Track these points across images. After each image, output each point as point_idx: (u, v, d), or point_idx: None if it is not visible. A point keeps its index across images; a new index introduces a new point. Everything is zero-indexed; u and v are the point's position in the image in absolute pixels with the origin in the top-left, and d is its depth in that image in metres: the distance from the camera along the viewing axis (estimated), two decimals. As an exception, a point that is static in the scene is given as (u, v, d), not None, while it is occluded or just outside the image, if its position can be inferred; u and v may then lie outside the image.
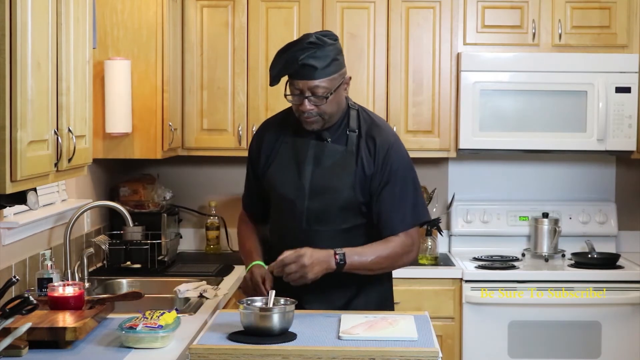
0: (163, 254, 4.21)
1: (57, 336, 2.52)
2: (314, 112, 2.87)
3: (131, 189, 4.40)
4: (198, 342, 2.54)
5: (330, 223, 2.95)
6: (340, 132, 2.98)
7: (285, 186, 2.97)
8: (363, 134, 2.97)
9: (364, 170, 2.94)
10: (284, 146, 3.02)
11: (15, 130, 2.30)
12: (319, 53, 2.83)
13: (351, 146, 2.96)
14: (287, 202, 2.97)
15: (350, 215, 2.96)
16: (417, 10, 4.46)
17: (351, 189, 2.93)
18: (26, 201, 2.64)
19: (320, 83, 2.84)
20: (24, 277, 3.29)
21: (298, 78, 2.84)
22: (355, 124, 2.99)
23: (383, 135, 2.99)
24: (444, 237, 4.75)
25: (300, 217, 2.95)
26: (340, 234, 2.95)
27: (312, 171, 2.95)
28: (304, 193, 2.95)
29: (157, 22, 4.00)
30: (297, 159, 2.98)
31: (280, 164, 3.00)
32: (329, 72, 2.85)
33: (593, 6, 4.48)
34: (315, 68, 2.82)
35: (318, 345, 2.51)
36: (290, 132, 3.02)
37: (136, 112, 4.01)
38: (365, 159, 2.94)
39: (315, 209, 2.94)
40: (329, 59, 2.85)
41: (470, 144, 4.44)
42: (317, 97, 2.85)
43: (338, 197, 2.93)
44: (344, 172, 2.94)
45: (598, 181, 4.87)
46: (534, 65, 4.40)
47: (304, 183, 2.95)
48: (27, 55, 2.35)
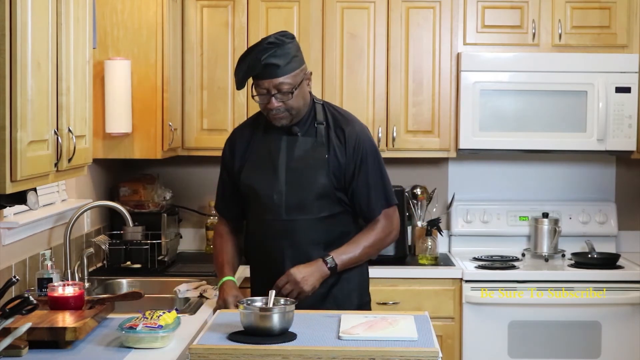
0: (163, 254, 4.21)
1: (57, 336, 2.52)
2: (281, 108, 3.02)
3: (131, 189, 4.40)
4: (198, 342, 2.54)
5: (308, 212, 3.07)
6: (309, 126, 3.13)
7: (262, 182, 3.10)
8: (331, 125, 3.13)
9: (338, 159, 3.09)
10: (256, 145, 3.15)
11: (15, 130, 2.30)
12: (279, 52, 2.98)
13: (320, 137, 3.10)
14: (265, 196, 3.09)
15: (326, 203, 3.09)
16: (417, 10, 4.46)
17: (325, 177, 3.07)
18: (26, 201, 2.64)
19: (284, 80, 2.99)
20: (24, 277, 3.29)
21: (263, 78, 2.99)
22: (322, 117, 3.14)
23: (350, 125, 3.15)
24: (444, 237, 4.75)
25: (279, 209, 3.08)
26: (319, 223, 3.08)
27: (286, 164, 3.09)
28: (280, 185, 3.07)
29: (157, 22, 4.00)
30: (270, 155, 3.11)
31: (254, 162, 3.14)
32: (291, 68, 3.00)
33: (593, 6, 4.48)
34: (277, 66, 2.97)
35: (318, 345, 2.51)
36: (261, 132, 3.17)
37: (136, 112, 4.01)
38: (337, 148, 3.10)
39: (293, 200, 3.07)
40: (290, 56, 3.00)
41: (470, 144, 4.44)
42: (282, 94, 3.00)
43: (314, 186, 3.07)
44: (316, 162, 3.08)
45: (598, 181, 4.87)
46: (534, 65, 4.40)
47: (279, 176, 3.08)
48: (27, 55, 2.35)
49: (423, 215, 4.68)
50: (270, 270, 3.09)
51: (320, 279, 3.03)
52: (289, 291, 2.98)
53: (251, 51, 2.99)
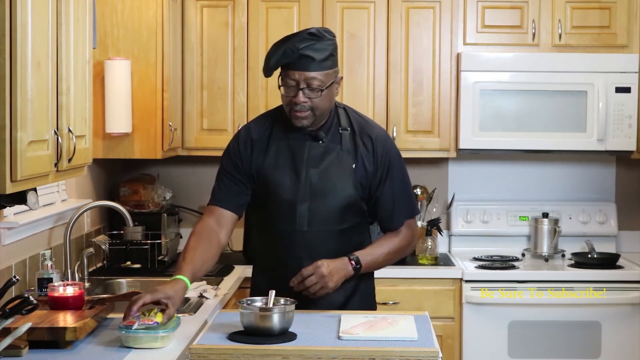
0: (163, 254, 4.21)
1: (57, 336, 2.51)
2: (306, 105, 2.85)
3: (131, 189, 4.40)
4: (198, 342, 2.54)
5: (330, 224, 2.95)
6: (333, 132, 2.98)
7: (284, 189, 2.94)
8: (357, 131, 2.99)
9: (365, 167, 2.96)
10: (275, 149, 2.98)
11: (15, 130, 2.30)
12: (318, 45, 2.83)
13: (346, 144, 2.97)
14: (286, 204, 2.94)
15: (350, 214, 2.97)
16: (417, 10, 4.46)
17: (353, 188, 2.94)
18: (26, 201, 2.64)
19: (316, 75, 2.83)
20: (24, 277, 3.29)
21: (295, 68, 2.83)
22: (347, 122, 3.00)
23: (376, 130, 3.03)
24: (444, 237, 4.75)
25: (300, 220, 2.93)
26: (338, 235, 2.97)
27: (311, 172, 2.94)
28: (304, 195, 2.93)
29: (157, 22, 4.00)
30: (293, 161, 2.95)
31: (275, 167, 2.96)
32: (326, 66, 2.85)
33: (593, 6, 4.48)
34: (313, 59, 2.82)
35: (318, 345, 2.51)
36: (282, 134, 2.99)
37: (136, 112, 4.01)
38: (365, 156, 2.97)
39: (316, 211, 2.93)
40: (327, 52, 2.85)
41: (470, 144, 4.44)
42: (311, 90, 2.84)
43: (340, 197, 2.94)
44: (343, 171, 2.94)
45: (598, 181, 4.87)
46: (534, 65, 4.40)
47: (303, 185, 2.94)
48: (27, 55, 2.35)
49: (423, 215, 4.68)
50: (281, 277, 2.92)
51: (344, 277, 2.90)
52: (313, 283, 2.85)
53: (290, 39, 2.83)
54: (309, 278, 2.86)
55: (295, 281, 2.87)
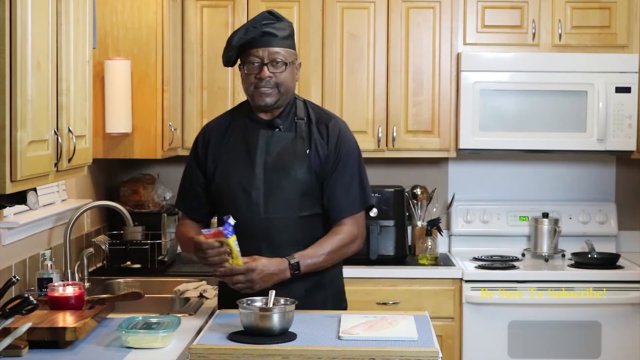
0: (163, 254, 4.21)
1: (57, 336, 2.52)
2: (271, 81, 2.93)
3: (131, 189, 4.40)
4: (198, 342, 2.54)
5: (288, 210, 2.95)
6: (289, 120, 3.02)
7: (239, 179, 2.98)
8: (313, 120, 3.03)
9: (319, 153, 2.98)
10: (232, 140, 3.03)
11: (15, 130, 2.30)
12: (278, 25, 2.97)
13: (301, 133, 3.00)
14: (242, 194, 2.96)
15: (308, 202, 2.97)
16: (417, 10, 4.46)
17: (307, 173, 2.96)
18: (26, 201, 2.65)
19: (279, 50, 2.94)
20: (24, 277, 3.29)
21: (258, 46, 2.93)
22: (303, 113, 3.05)
23: (334, 120, 3.07)
24: (444, 237, 4.75)
25: (257, 208, 2.94)
26: (298, 222, 2.95)
27: (265, 160, 2.97)
28: (259, 182, 2.96)
29: (157, 22, 4.00)
30: (247, 150, 3.00)
31: (230, 158, 3.01)
32: (287, 44, 2.98)
33: (593, 6, 4.48)
34: (275, 36, 2.94)
35: (318, 345, 2.51)
36: (238, 127, 3.05)
37: (136, 112, 4.01)
38: (319, 143, 2.99)
39: (272, 197, 2.94)
40: (287, 32, 2.98)
41: (470, 144, 4.44)
42: (275, 65, 2.93)
43: (295, 182, 2.95)
44: (296, 156, 2.97)
45: (598, 181, 4.87)
46: (534, 65, 4.40)
47: (257, 172, 2.97)
48: (27, 55, 2.35)
49: (423, 215, 4.69)
50: None
51: (276, 281, 2.83)
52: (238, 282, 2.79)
53: (250, 21, 2.96)
54: (236, 277, 2.80)
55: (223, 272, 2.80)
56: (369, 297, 4.18)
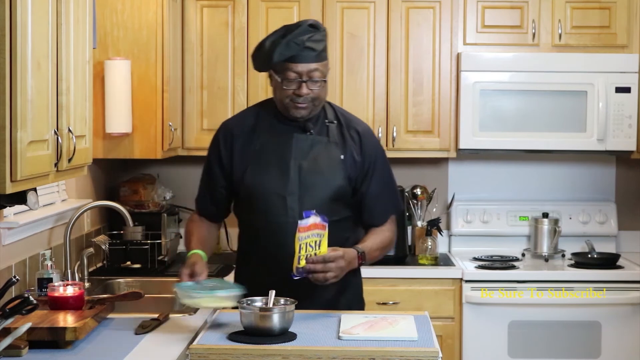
0: (163, 254, 4.21)
1: (57, 336, 2.52)
2: (309, 97, 2.88)
3: (131, 189, 4.40)
4: (198, 342, 2.54)
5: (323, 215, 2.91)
6: (320, 124, 3.00)
7: (271, 182, 2.94)
8: (344, 124, 3.01)
9: (354, 158, 2.97)
10: (261, 143, 2.99)
11: (15, 130, 2.30)
12: (317, 36, 2.88)
13: (333, 136, 2.98)
14: (277, 198, 2.94)
15: (339, 207, 2.97)
16: (417, 10, 4.46)
17: (343, 179, 2.95)
18: (26, 201, 2.64)
19: (318, 66, 2.87)
20: (24, 277, 3.29)
21: (299, 61, 2.85)
22: (333, 116, 3.02)
23: (362, 125, 3.06)
24: (444, 237, 4.75)
25: (292, 212, 2.92)
26: (330, 226, 2.90)
27: (299, 164, 2.95)
28: (293, 187, 2.93)
29: (157, 22, 4.00)
30: (280, 154, 2.96)
31: (261, 161, 2.97)
32: (324, 56, 2.91)
33: (593, 6, 4.48)
34: (314, 51, 2.86)
35: (318, 345, 2.51)
36: (266, 129, 3.00)
37: (136, 112, 4.01)
38: (353, 148, 2.98)
39: (307, 202, 2.91)
40: (324, 44, 2.91)
41: (470, 144, 4.44)
42: (313, 82, 2.87)
43: (330, 188, 2.94)
44: (332, 162, 2.95)
45: (598, 181, 4.87)
46: (534, 65, 4.40)
47: (292, 177, 2.94)
48: (27, 55, 2.35)
49: (423, 215, 4.69)
50: (268, 270, 2.93)
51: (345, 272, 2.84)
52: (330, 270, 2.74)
53: (289, 31, 2.85)
54: (328, 264, 2.75)
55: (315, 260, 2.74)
56: (369, 297, 4.11)
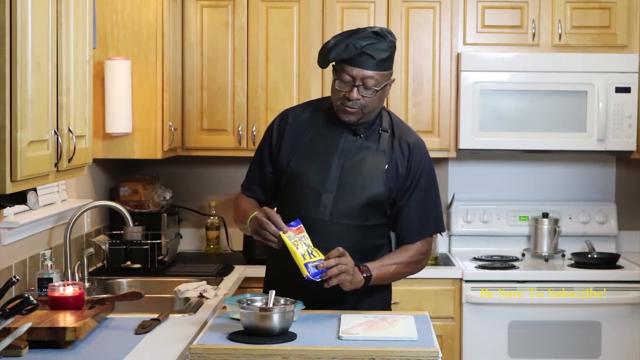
0: (163, 254, 4.21)
1: (57, 336, 2.52)
2: (358, 103, 2.87)
3: (131, 189, 4.40)
4: (198, 342, 2.54)
5: (354, 218, 2.92)
6: (373, 131, 2.98)
7: (312, 176, 2.94)
8: (396, 135, 2.99)
9: (398, 170, 2.95)
10: (311, 136, 2.99)
11: (15, 130, 2.30)
12: (379, 45, 2.84)
13: (383, 145, 2.97)
14: (313, 193, 2.93)
15: (373, 213, 2.95)
16: (417, 10, 4.47)
17: (382, 187, 2.93)
18: (26, 201, 2.64)
19: (373, 75, 2.85)
20: (24, 277, 3.29)
21: (354, 65, 2.84)
22: (388, 125, 3.00)
23: (416, 139, 3.02)
24: (444, 237, 4.75)
25: (324, 210, 2.92)
26: (359, 230, 2.93)
27: (342, 164, 2.94)
28: (332, 185, 2.93)
29: (157, 22, 4.01)
30: (326, 151, 2.96)
31: (307, 154, 2.97)
32: (383, 66, 2.87)
33: (593, 6, 4.48)
34: (373, 58, 2.84)
35: (318, 345, 2.51)
36: (319, 124, 3.01)
37: (136, 112, 4.01)
38: (399, 160, 2.96)
39: (341, 202, 2.91)
40: (386, 53, 2.86)
41: (470, 144, 4.44)
42: (366, 89, 2.86)
43: (367, 193, 2.92)
44: (374, 169, 2.93)
45: (598, 181, 4.87)
46: (534, 65, 4.40)
47: (332, 175, 2.93)
48: (27, 55, 2.35)
49: (423, 215, 4.68)
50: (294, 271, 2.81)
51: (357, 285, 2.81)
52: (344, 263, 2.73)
53: (352, 34, 2.85)
54: (342, 258, 2.74)
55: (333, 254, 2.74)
56: (369, 297, 4.18)
